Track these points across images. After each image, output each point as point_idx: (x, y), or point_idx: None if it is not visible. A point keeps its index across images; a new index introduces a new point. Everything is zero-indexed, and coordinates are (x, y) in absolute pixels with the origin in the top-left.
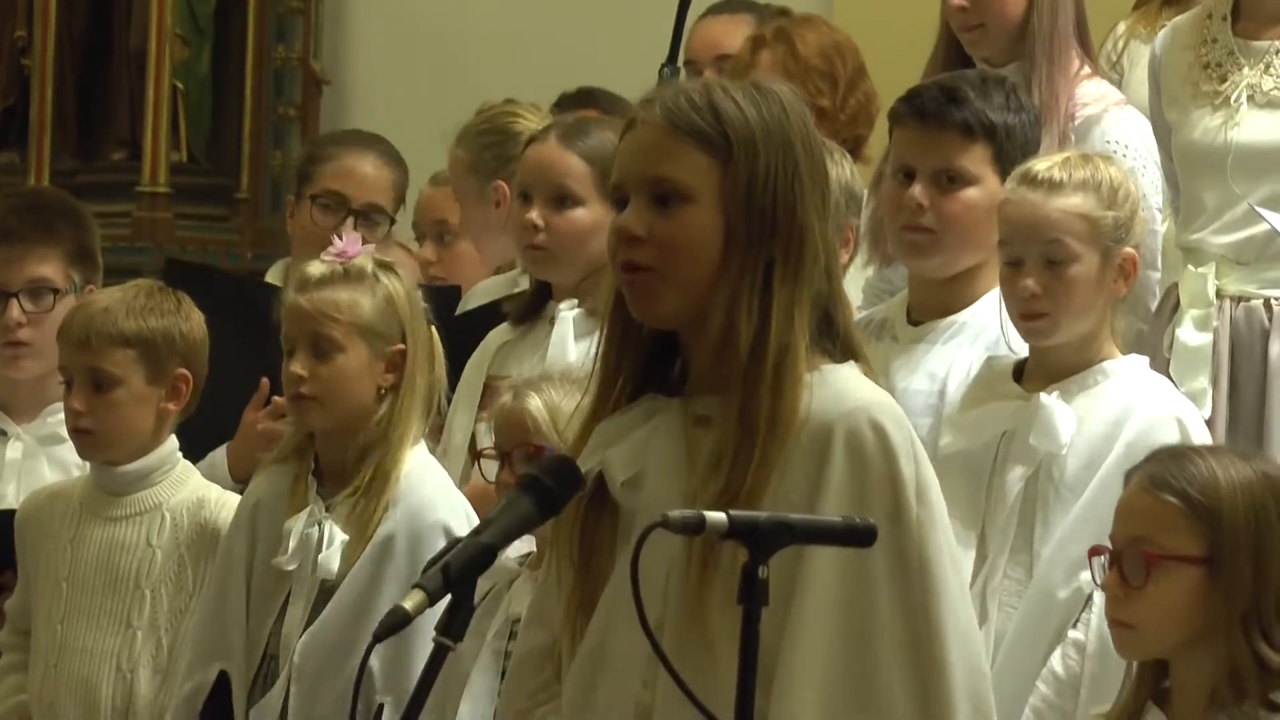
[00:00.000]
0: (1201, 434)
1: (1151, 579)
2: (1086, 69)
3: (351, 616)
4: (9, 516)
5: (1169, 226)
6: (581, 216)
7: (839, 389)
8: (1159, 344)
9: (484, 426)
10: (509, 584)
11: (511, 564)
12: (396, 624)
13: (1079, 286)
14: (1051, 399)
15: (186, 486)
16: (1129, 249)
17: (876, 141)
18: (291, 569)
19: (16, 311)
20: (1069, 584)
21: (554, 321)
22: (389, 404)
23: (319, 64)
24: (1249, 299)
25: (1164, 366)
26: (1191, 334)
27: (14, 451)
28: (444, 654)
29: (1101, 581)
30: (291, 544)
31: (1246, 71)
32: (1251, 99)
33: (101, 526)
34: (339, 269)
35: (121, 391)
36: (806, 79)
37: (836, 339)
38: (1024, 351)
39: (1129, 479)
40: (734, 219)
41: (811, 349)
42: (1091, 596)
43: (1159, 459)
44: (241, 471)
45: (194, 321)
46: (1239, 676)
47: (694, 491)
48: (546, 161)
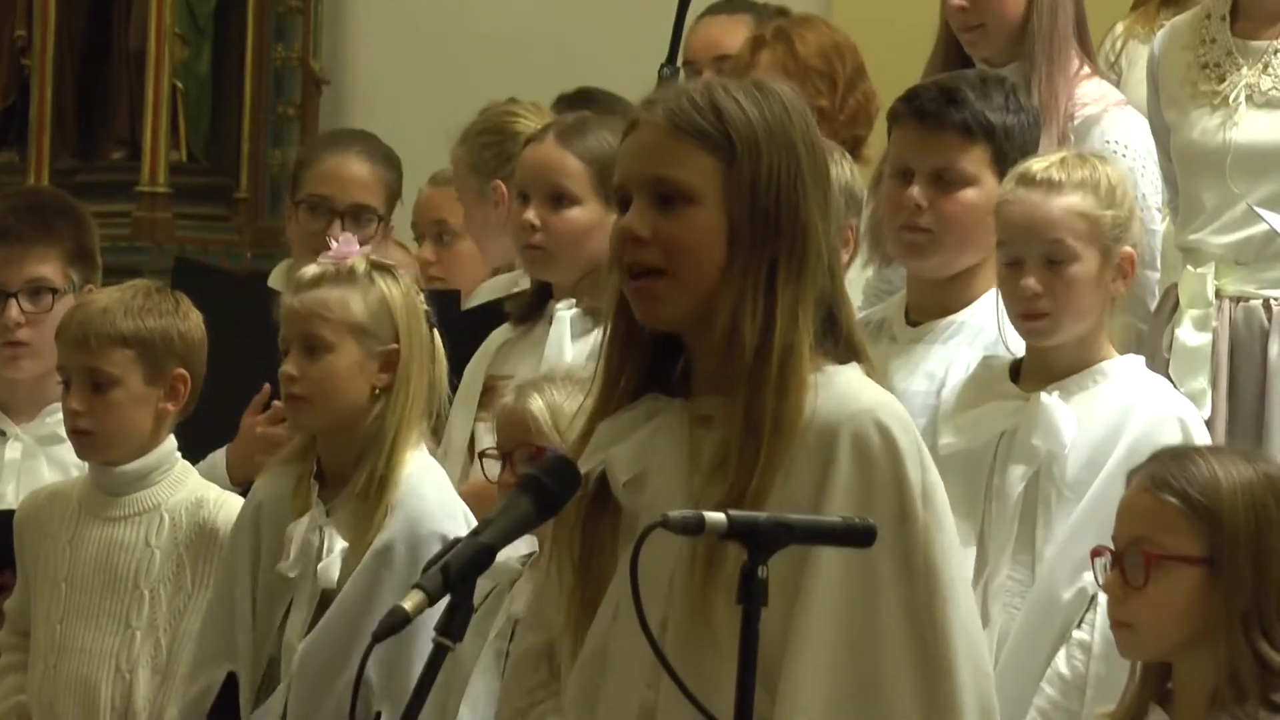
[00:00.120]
0: (1202, 434)
1: (1152, 579)
2: (1086, 69)
3: (350, 624)
4: (8, 517)
5: (1168, 227)
6: (579, 216)
7: (844, 390)
8: (1158, 344)
9: (483, 426)
10: (511, 584)
11: (513, 564)
12: (396, 624)
13: (1080, 285)
14: (1053, 399)
15: (185, 486)
16: (1127, 248)
17: (876, 142)
18: (294, 575)
19: (15, 311)
20: (1072, 584)
21: (553, 321)
22: (383, 404)
23: (318, 63)
24: (1248, 299)
25: (1163, 367)
26: (1191, 334)
27: (13, 451)
28: (443, 654)
29: (1103, 582)
30: (293, 550)
31: (1245, 71)
32: (1250, 99)
33: (100, 527)
34: (331, 270)
35: (120, 392)
36: (806, 79)
37: (839, 338)
38: (1021, 351)
39: (1130, 479)
40: (737, 219)
41: (814, 349)
42: (1096, 597)
43: (1160, 459)
44: (240, 474)
45: (192, 321)
46: (1240, 677)
47: (697, 492)
48: (544, 161)
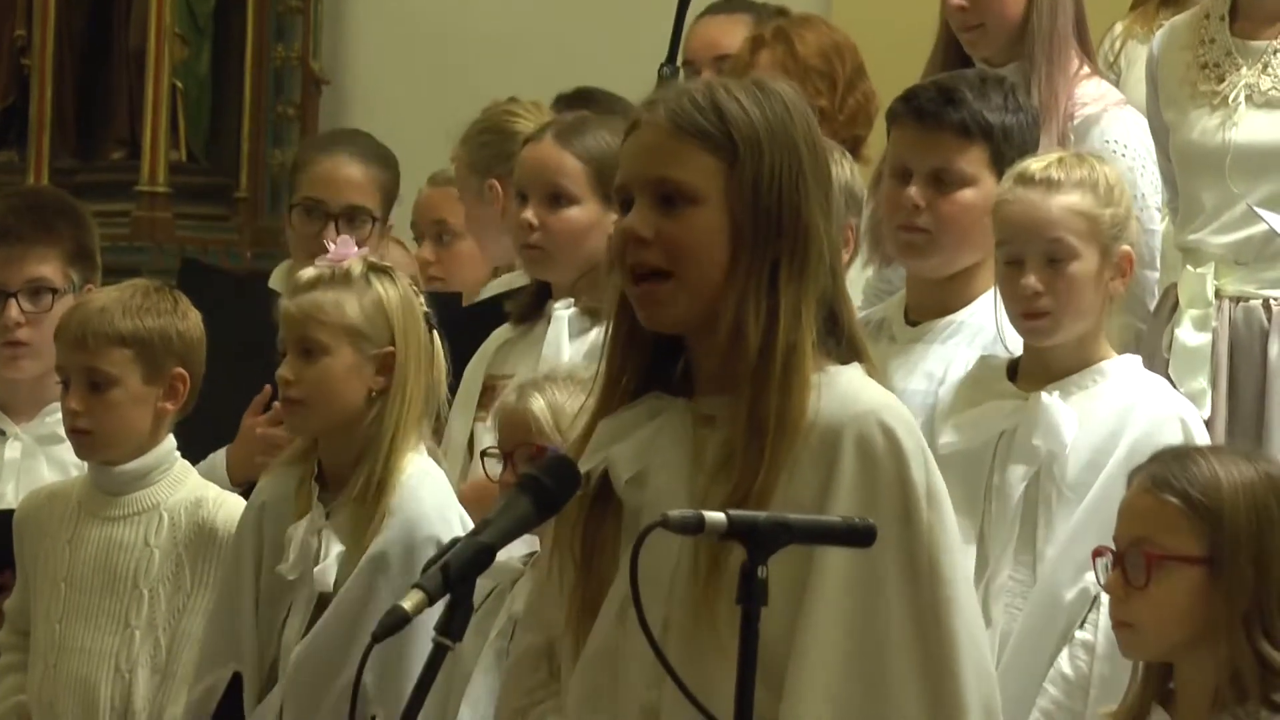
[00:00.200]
0: (1202, 434)
1: (1153, 579)
2: (1086, 69)
3: (345, 628)
4: (8, 516)
5: (1167, 227)
6: (576, 216)
7: (846, 391)
8: (1158, 344)
9: (482, 426)
10: (512, 584)
11: (515, 564)
12: (396, 624)
13: (1080, 284)
14: (1053, 399)
15: (184, 486)
16: (1125, 247)
17: (876, 141)
18: (293, 578)
19: (15, 311)
20: (1075, 585)
21: (550, 321)
22: (380, 407)
23: (318, 63)
24: (1248, 299)
25: (1163, 367)
26: (1190, 334)
27: (13, 451)
28: (443, 654)
29: (1104, 582)
30: (292, 553)
31: (1244, 71)
32: (1250, 99)
33: (99, 526)
34: (327, 272)
35: (118, 391)
36: (805, 79)
37: (841, 337)
38: (1019, 351)
39: (1132, 480)
40: (740, 219)
41: (817, 349)
42: (1098, 597)
43: (1161, 460)
44: (240, 475)
45: (191, 321)
46: (1241, 676)
47: (701, 491)
48: (541, 161)
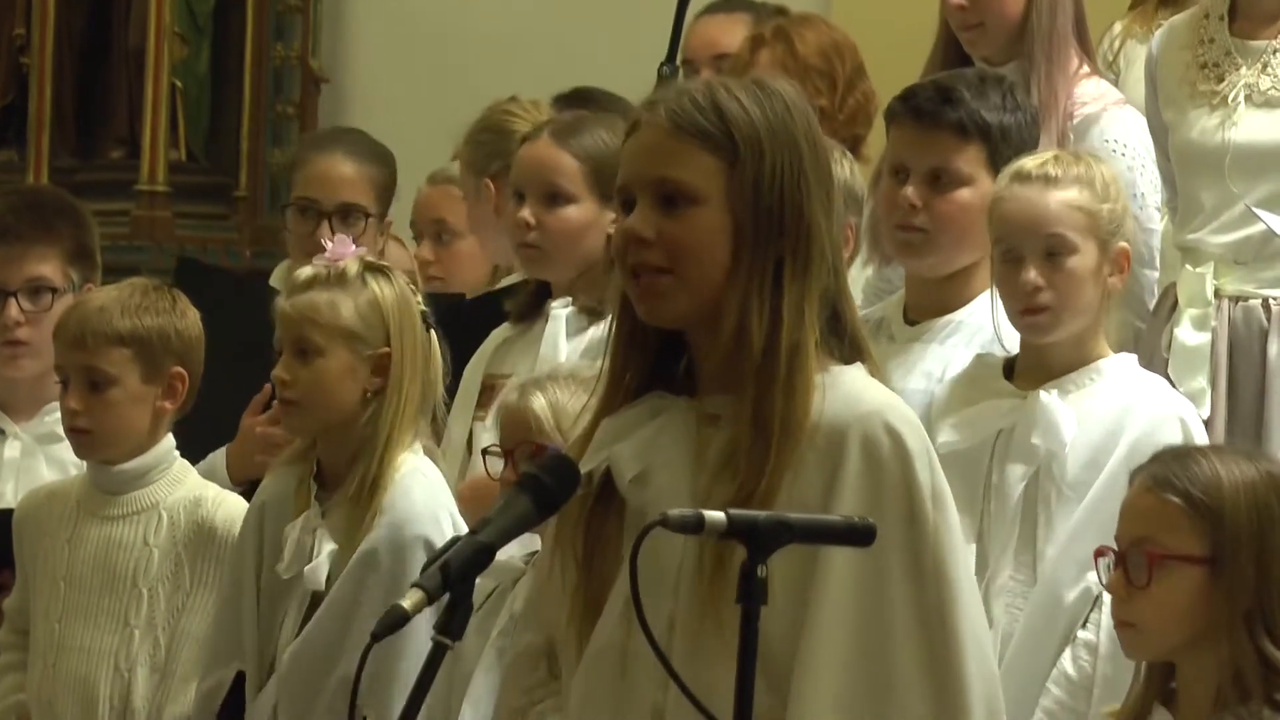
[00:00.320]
0: (1201, 432)
1: (1155, 579)
2: (1085, 68)
3: (336, 626)
4: (7, 516)
5: (1166, 226)
6: (573, 214)
7: (851, 391)
8: (1157, 344)
9: (480, 425)
10: (514, 583)
11: (516, 563)
12: (395, 623)
13: (1079, 278)
14: (1052, 397)
15: (183, 485)
16: (1123, 243)
17: (875, 141)
18: (288, 577)
19: (15, 310)
20: (1076, 585)
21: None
22: (375, 407)
23: (318, 62)
24: (1247, 299)
25: (1162, 366)
26: (1190, 334)
27: (12, 450)
28: (442, 653)
29: (1106, 582)
30: (288, 552)
31: (1244, 71)
32: (1249, 98)
33: (99, 525)
34: (323, 272)
35: (117, 390)
36: (805, 78)
37: (844, 336)
38: (1016, 350)
39: (1133, 479)
40: (742, 219)
41: (820, 348)
42: (1100, 597)
43: (1162, 459)
44: (240, 474)
45: (189, 319)
46: (1243, 676)
47: (704, 490)
48: (538, 160)
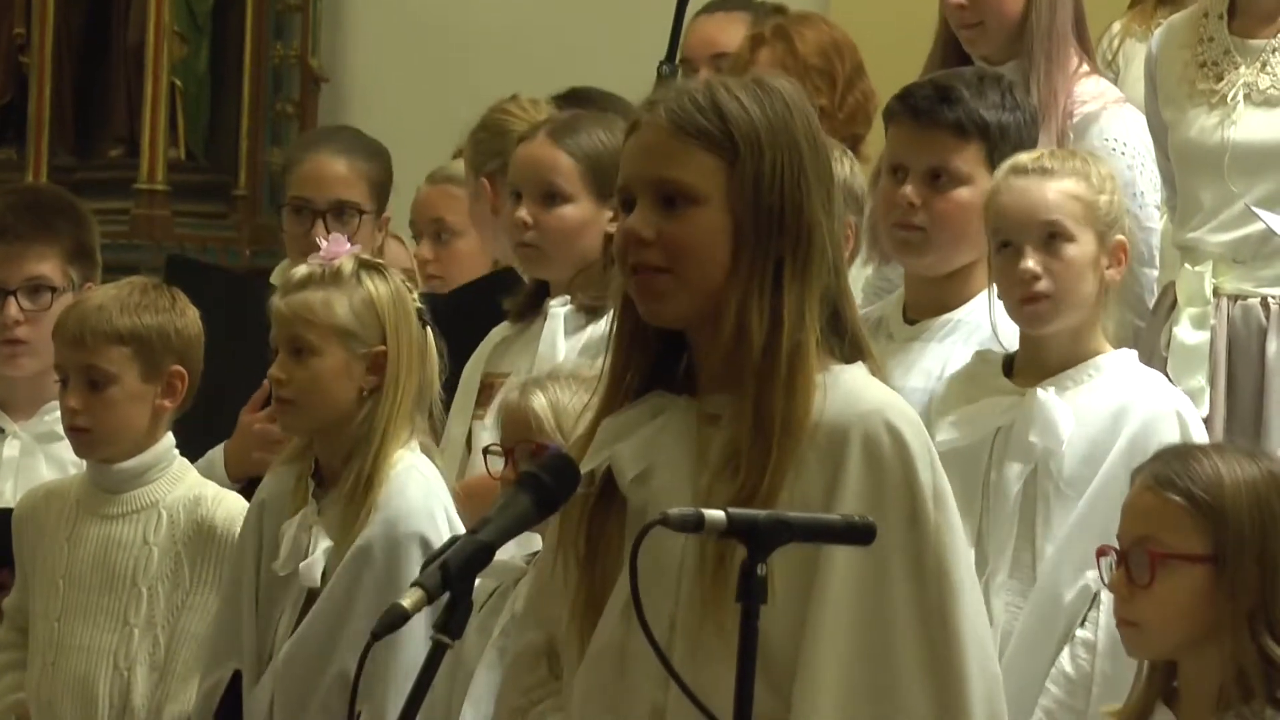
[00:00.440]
0: (1199, 428)
1: (1157, 578)
2: (1085, 66)
3: (331, 623)
4: (6, 515)
5: (1165, 224)
6: (570, 213)
7: (852, 390)
8: (1156, 342)
9: (479, 424)
10: (515, 583)
11: (518, 562)
12: (395, 621)
13: (1078, 266)
14: (1049, 394)
15: (183, 483)
16: (1120, 236)
17: (875, 140)
18: (284, 574)
19: (14, 309)
20: (1074, 584)
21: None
22: (371, 406)
23: (317, 61)
24: (1246, 297)
25: (1161, 365)
26: (1189, 332)
27: (11, 449)
28: (442, 652)
29: (1108, 581)
30: (284, 549)
31: (1243, 70)
32: (1248, 97)
33: (98, 524)
34: (318, 271)
35: (117, 389)
36: (805, 77)
37: (845, 335)
38: (1017, 347)
39: (1134, 478)
40: (742, 218)
41: (821, 347)
42: (1099, 595)
43: (1164, 458)
44: (237, 471)
45: (189, 318)
46: (1246, 674)
47: (705, 490)
48: (535, 159)
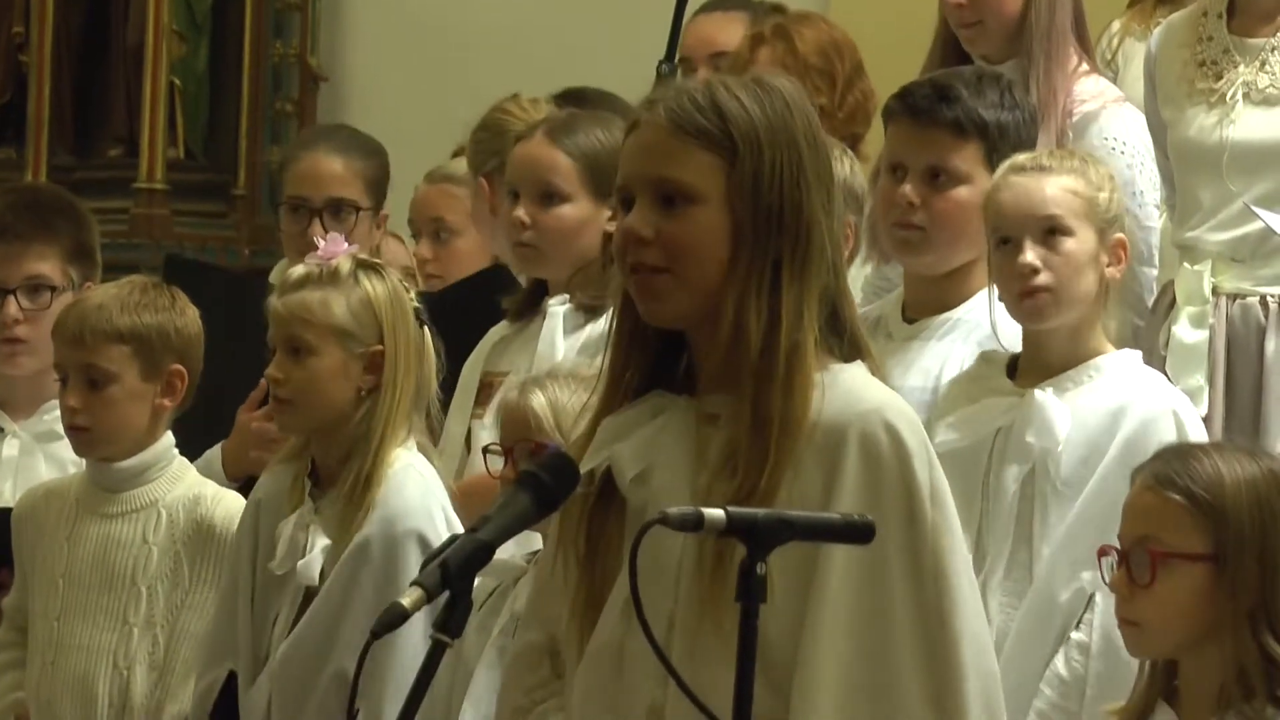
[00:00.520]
0: (1197, 426)
1: (1158, 577)
2: (1084, 65)
3: (328, 621)
4: (6, 514)
5: (1164, 224)
6: (568, 213)
7: (850, 389)
8: (1155, 341)
9: (478, 423)
10: (515, 582)
11: (518, 562)
12: (394, 620)
13: (1077, 261)
14: (1046, 395)
15: (182, 483)
16: (1119, 234)
17: (874, 139)
18: (281, 573)
19: (14, 308)
20: (1070, 585)
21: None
22: (369, 405)
23: (316, 60)
24: (1245, 296)
25: (1160, 364)
26: (1188, 331)
27: (11, 449)
28: (441, 651)
29: (1109, 580)
30: (281, 548)
31: (1242, 69)
32: (1247, 96)
33: (98, 523)
34: (315, 271)
35: (116, 388)
36: (805, 76)
37: (844, 335)
38: (1016, 347)
39: (1134, 478)
40: (741, 218)
41: (819, 346)
42: (1094, 596)
43: (1164, 457)
44: (235, 470)
45: (188, 317)
46: (1247, 674)
47: (704, 489)
48: (533, 159)
